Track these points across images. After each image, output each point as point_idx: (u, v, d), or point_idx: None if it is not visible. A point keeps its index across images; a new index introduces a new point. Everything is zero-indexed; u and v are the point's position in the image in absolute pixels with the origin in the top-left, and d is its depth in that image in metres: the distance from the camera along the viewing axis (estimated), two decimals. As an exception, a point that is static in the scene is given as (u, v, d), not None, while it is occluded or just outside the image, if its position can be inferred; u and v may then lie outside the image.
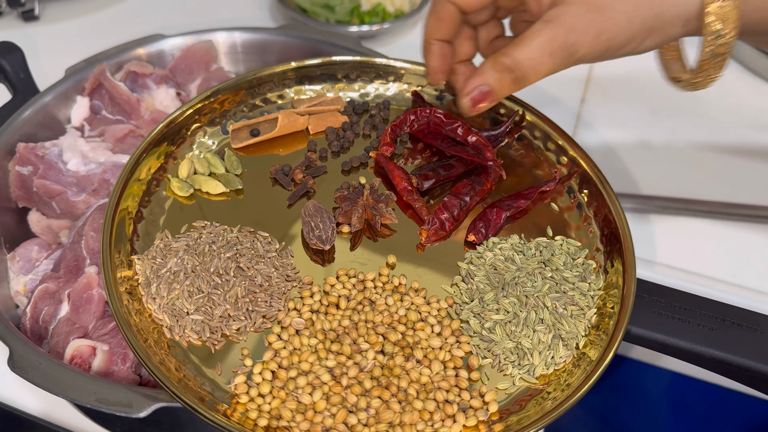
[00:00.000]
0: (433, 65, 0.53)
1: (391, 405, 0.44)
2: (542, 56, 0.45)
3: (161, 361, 0.46)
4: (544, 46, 0.45)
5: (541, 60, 0.46)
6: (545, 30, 0.45)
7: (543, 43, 0.45)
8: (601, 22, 0.45)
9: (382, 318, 0.48)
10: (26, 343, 0.51)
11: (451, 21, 0.51)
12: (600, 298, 0.50)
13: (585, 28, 0.45)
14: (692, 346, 0.50)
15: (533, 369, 0.47)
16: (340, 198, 0.53)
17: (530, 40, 0.46)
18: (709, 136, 0.77)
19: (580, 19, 0.45)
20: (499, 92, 0.48)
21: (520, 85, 0.47)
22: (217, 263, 0.49)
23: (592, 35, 0.45)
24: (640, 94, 0.81)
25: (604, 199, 0.55)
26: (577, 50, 0.45)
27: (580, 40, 0.45)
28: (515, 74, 0.47)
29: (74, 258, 0.58)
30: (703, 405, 0.81)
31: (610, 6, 0.44)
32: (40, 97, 0.68)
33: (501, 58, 0.47)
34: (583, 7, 0.45)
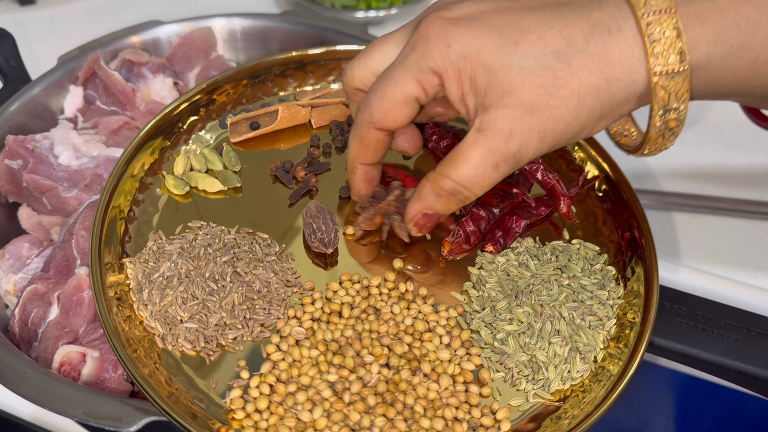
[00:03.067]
0: (357, 187, 0.48)
1: (397, 424, 0.41)
2: (486, 171, 0.40)
3: (151, 373, 0.43)
4: (486, 159, 0.40)
5: (486, 174, 0.40)
6: (482, 141, 0.40)
7: (483, 156, 0.40)
8: (542, 124, 0.39)
9: (388, 328, 0.45)
10: (11, 351, 0.48)
11: (377, 146, 0.45)
12: (620, 307, 0.47)
13: (525, 132, 0.39)
14: (716, 357, 0.48)
15: (548, 384, 0.44)
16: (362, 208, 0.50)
17: (468, 156, 0.40)
18: (730, 127, 0.74)
19: (518, 124, 0.39)
20: (445, 213, 0.44)
21: (466, 202, 0.43)
22: (213, 268, 0.47)
23: (535, 139, 0.39)
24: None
25: (624, 200, 0.52)
26: (522, 156, 0.40)
27: (523, 146, 0.39)
28: (459, 196, 0.42)
29: (64, 258, 0.55)
30: (715, 409, 0.79)
31: (549, 104, 0.38)
32: (31, 86, 0.65)
33: (440, 182, 0.42)
34: (518, 110, 0.39)
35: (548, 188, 0.50)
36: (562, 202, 0.50)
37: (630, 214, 0.51)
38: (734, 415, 0.79)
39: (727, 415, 0.79)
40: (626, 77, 0.38)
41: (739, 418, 0.79)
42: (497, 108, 0.39)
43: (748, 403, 0.75)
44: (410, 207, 0.45)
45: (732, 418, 0.79)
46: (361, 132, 0.44)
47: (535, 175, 0.50)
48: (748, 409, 0.77)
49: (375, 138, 0.44)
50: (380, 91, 0.42)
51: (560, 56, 0.38)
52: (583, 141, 0.55)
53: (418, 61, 0.40)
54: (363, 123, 0.44)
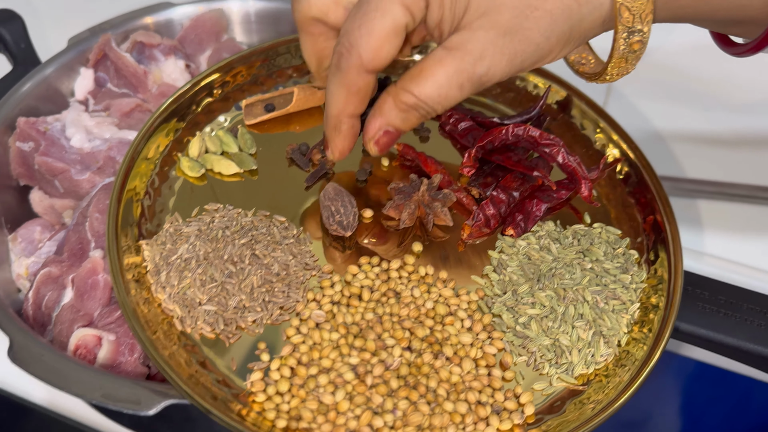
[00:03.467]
0: (341, 145, 0.44)
1: (420, 407, 0.41)
2: (450, 90, 0.39)
3: (171, 355, 0.42)
4: (451, 79, 0.38)
5: (450, 94, 0.39)
6: (448, 60, 0.38)
7: (449, 75, 0.38)
8: (514, 45, 0.38)
9: (409, 311, 0.45)
10: (27, 333, 0.48)
11: (366, 91, 0.41)
12: (643, 291, 0.47)
13: (496, 55, 0.38)
14: (739, 342, 0.47)
15: (572, 368, 0.44)
16: (394, 190, 0.49)
17: (433, 73, 0.38)
18: (747, 113, 0.73)
19: (490, 46, 0.38)
20: (406, 129, 0.42)
21: (427, 118, 0.41)
22: (231, 250, 0.46)
23: (505, 61, 0.38)
24: (672, 66, 0.77)
25: (647, 183, 0.51)
26: (489, 79, 0.39)
27: (492, 69, 0.38)
28: (421, 111, 0.40)
29: (78, 241, 0.54)
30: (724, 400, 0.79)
31: (523, 26, 0.38)
32: (41, 68, 0.64)
33: (402, 96, 0.40)
34: (491, 32, 0.38)
35: (569, 171, 0.49)
36: (583, 186, 0.49)
37: (652, 197, 0.50)
38: (743, 407, 0.78)
39: (735, 406, 0.79)
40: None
41: (748, 408, 0.79)
42: (470, 29, 0.38)
43: (757, 393, 0.75)
44: (370, 124, 0.42)
45: (741, 409, 0.79)
46: (350, 78, 0.40)
47: (556, 158, 0.49)
48: (757, 399, 0.77)
49: (366, 82, 0.40)
50: (366, 26, 0.38)
51: None
52: (605, 123, 0.54)
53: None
54: (351, 68, 0.40)
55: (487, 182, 0.51)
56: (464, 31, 0.38)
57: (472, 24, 0.38)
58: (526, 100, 0.58)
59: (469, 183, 0.51)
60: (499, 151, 0.51)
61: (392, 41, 0.39)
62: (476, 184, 0.51)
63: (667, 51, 0.78)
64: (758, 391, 0.75)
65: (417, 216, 0.49)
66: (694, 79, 0.76)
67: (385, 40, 0.39)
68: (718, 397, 0.78)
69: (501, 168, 0.52)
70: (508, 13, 0.38)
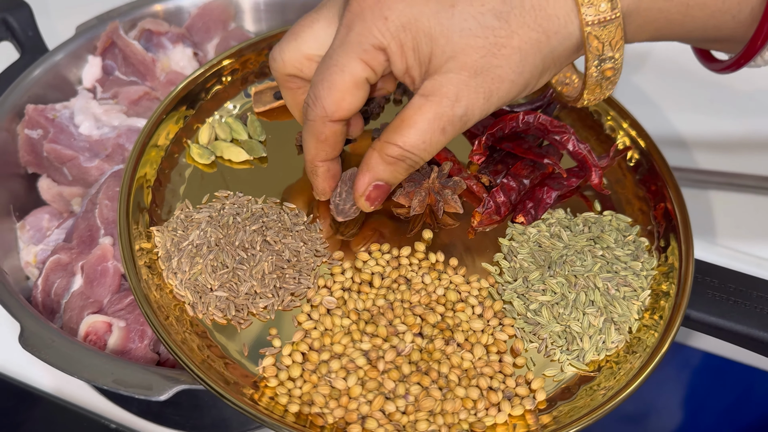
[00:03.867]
0: (321, 186, 0.46)
1: (432, 392, 0.41)
2: (433, 136, 0.40)
3: (183, 340, 0.42)
4: (433, 124, 0.39)
5: (434, 140, 0.40)
6: (427, 107, 0.39)
7: (430, 121, 0.39)
8: (488, 84, 0.38)
9: (420, 298, 0.45)
10: (38, 319, 0.48)
11: (335, 139, 0.43)
12: (654, 278, 0.47)
13: (471, 94, 0.39)
14: (749, 330, 0.47)
15: (583, 354, 0.44)
16: None
17: (415, 122, 0.39)
18: (758, 103, 0.73)
19: (463, 87, 0.38)
20: (395, 182, 0.43)
21: (415, 168, 0.42)
22: (242, 236, 0.46)
23: (481, 101, 0.39)
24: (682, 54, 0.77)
25: (657, 171, 0.51)
26: (469, 119, 0.40)
27: (470, 108, 0.39)
28: (408, 162, 0.41)
29: (87, 228, 0.54)
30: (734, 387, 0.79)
31: (492, 65, 0.38)
32: (49, 56, 0.64)
33: (387, 150, 0.41)
34: (463, 74, 0.38)
35: (579, 159, 0.49)
36: (594, 173, 0.49)
37: (663, 185, 0.50)
38: (747, 396, 0.79)
39: (739, 396, 0.79)
40: (563, 29, 0.38)
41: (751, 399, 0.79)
42: (441, 74, 0.38)
43: (760, 383, 0.75)
44: (359, 180, 0.43)
45: (744, 398, 0.79)
46: (317, 128, 0.42)
47: (566, 145, 0.49)
48: (760, 389, 0.77)
49: (332, 131, 0.42)
50: (327, 81, 0.40)
51: (498, 14, 0.37)
52: (615, 112, 0.54)
53: (358, 41, 0.39)
54: (317, 119, 0.42)
55: (497, 170, 0.51)
56: (436, 75, 0.39)
57: (442, 68, 0.38)
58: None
59: (479, 170, 0.51)
60: (509, 139, 0.51)
61: (353, 93, 0.40)
62: (486, 171, 0.51)
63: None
64: (762, 382, 0.75)
65: (427, 203, 0.49)
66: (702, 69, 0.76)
67: (346, 92, 0.40)
68: (721, 388, 0.79)
69: (511, 155, 0.52)
70: (474, 54, 0.38)
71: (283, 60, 0.44)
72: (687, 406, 0.80)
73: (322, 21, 0.43)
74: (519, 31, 0.37)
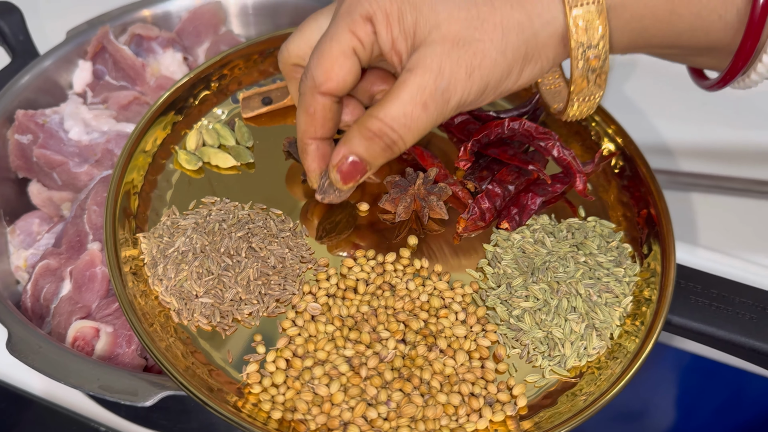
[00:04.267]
0: (312, 167, 0.45)
1: (413, 398, 0.41)
2: (414, 110, 0.39)
3: (167, 347, 0.43)
4: (415, 98, 0.38)
5: (415, 115, 0.39)
6: (411, 79, 0.38)
7: (412, 94, 0.38)
8: (469, 58, 0.38)
9: (403, 304, 0.45)
10: (26, 325, 0.48)
11: (325, 114, 0.43)
12: (636, 285, 0.47)
13: (453, 68, 0.38)
14: (731, 336, 0.47)
15: (564, 360, 0.44)
16: (390, 183, 0.50)
17: (397, 95, 0.39)
18: (745, 107, 0.73)
19: (446, 59, 0.38)
20: (373, 162, 0.41)
21: (395, 152, 0.41)
22: (228, 243, 0.46)
23: (463, 75, 0.38)
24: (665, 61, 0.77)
25: (641, 177, 0.51)
26: (451, 95, 0.39)
27: (452, 83, 0.38)
28: (386, 139, 0.40)
29: (76, 233, 0.55)
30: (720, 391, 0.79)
31: (474, 38, 0.38)
32: (40, 61, 0.64)
33: (367, 123, 0.40)
34: (446, 45, 0.38)
35: (564, 165, 0.50)
36: (578, 180, 0.49)
37: (647, 191, 0.51)
38: (738, 397, 0.79)
39: (731, 396, 0.79)
40: (546, 13, 0.38)
41: (743, 399, 0.79)
42: (426, 45, 0.39)
43: (751, 384, 0.75)
44: (335, 152, 0.42)
45: (736, 399, 0.79)
46: (307, 101, 0.42)
47: (551, 151, 0.49)
48: (751, 390, 0.77)
49: (322, 105, 0.42)
50: (317, 51, 0.41)
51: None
52: (599, 117, 0.55)
53: (348, 11, 0.39)
54: (307, 91, 0.42)
55: (482, 176, 0.51)
56: (421, 48, 0.39)
57: (426, 39, 0.38)
58: (523, 93, 0.58)
59: (465, 176, 0.51)
60: (495, 145, 0.52)
61: (341, 63, 0.40)
62: (472, 177, 0.51)
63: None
64: (752, 384, 0.75)
65: (413, 209, 0.49)
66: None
67: (333, 62, 0.40)
68: (712, 389, 0.79)
69: (497, 161, 0.52)
70: (457, 24, 0.38)
71: (288, 51, 0.45)
72: (679, 406, 0.81)
73: (326, 13, 0.44)
74: (501, 9, 0.38)
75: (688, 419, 0.79)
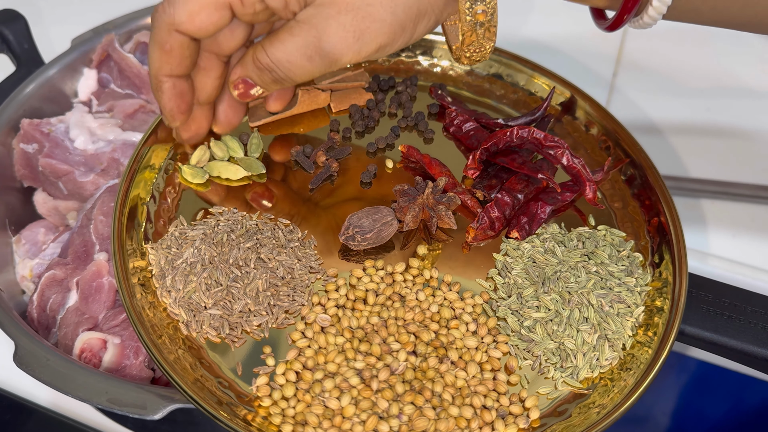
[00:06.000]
0: (168, 106, 0.45)
1: (425, 411, 0.41)
2: (300, 60, 0.41)
3: (176, 359, 0.42)
4: (301, 50, 0.41)
5: (299, 64, 0.41)
6: (297, 31, 0.40)
7: (297, 46, 0.41)
8: (357, 23, 0.39)
9: (414, 315, 0.45)
10: (33, 337, 0.48)
11: (181, 52, 0.42)
12: (647, 294, 0.47)
13: (340, 33, 0.40)
14: (743, 345, 0.47)
15: (577, 372, 0.44)
16: (399, 192, 0.49)
17: (285, 41, 0.41)
18: (750, 113, 0.73)
19: (332, 23, 0.39)
20: (265, 87, 0.44)
21: (285, 84, 0.44)
22: (237, 254, 0.46)
23: (350, 39, 0.40)
24: (675, 68, 0.77)
25: (651, 185, 0.51)
26: (338, 57, 0.41)
27: (337, 46, 0.40)
28: (274, 75, 0.43)
29: (83, 243, 0.55)
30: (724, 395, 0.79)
31: (365, 3, 0.39)
32: (45, 69, 0.64)
33: (259, 55, 0.42)
34: (333, 9, 0.39)
35: (573, 173, 0.49)
36: (588, 188, 0.49)
37: (657, 199, 0.50)
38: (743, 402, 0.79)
39: (735, 402, 0.79)
40: None
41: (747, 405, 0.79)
42: (315, 6, 0.40)
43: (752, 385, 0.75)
44: (233, 72, 0.44)
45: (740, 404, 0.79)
46: (161, 36, 0.41)
47: (561, 160, 0.49)
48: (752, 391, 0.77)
49: (179, 43, 0.42)
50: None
51: None
52: (609, 126, 0.54)
53: None
54: (162, 25, 0.41)
55: (491, 184, 0.51)
56: (311, 6, 0.40)
57: (316, 1, 0.40)
58: (531, 101, 0.58)
59: (474, 185, 0.51)
60: (503, 153, 0.51)
61: (210, 13, 0.41)
62: (481, 186, 0.51)
63: (667, 48, 0.78)
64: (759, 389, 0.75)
65: (421, 218, 0.49)
66: (697, 77, 0.76)
67: (203, 8, 0.40)
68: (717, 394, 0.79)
69: (505, 170, 0.52)
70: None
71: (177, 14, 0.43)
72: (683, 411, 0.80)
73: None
74: None
75: (692, 424, 0.79)
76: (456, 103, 0.56)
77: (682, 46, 0.78)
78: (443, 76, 0.59)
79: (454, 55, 0.45)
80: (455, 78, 0.59)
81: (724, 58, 0.77)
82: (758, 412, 0.78)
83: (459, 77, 0.59)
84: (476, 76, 0.59)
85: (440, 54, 0.60)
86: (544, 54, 0.63)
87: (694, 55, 0.78)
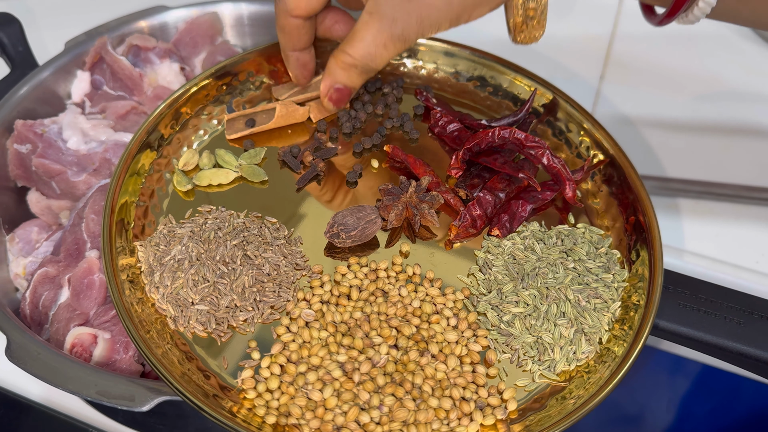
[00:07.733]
0: (296, 73, 0.55)
1: (405, 403, 0.42)
2: (377, 49, 0.47)
3: (164, 353, 0.44)
4: (377, 40, 0.46)
5: (378, 52, 0.47)
6: (371, 23, 0.46)
7: (373, 36, 0.46)
8: (417, 10, 0.45)
9: (396, 310, 0.46)
10: (24, 332, 0.49)
11: (298, 32, 0.51)
12: (624, 290, 0.48)
13: (405, 18, 0.45)
14: (719, 340, 0.48)
15: (554, 365, 0.45)
16: (383, 191, 0.51)
17: (362, 36, 0.47)
18: (734, 115, 0.74)
19: (398, 10, 0.45)
20: (353, 86, 0.50)
21: (369, 74, 0.49)
22: (223, 251, 0.47)
23: (414, 24, 0.45)
24: (661, 71, 0.78)
25: (630, 184, 0.52)
26: (408, 37, 0.46)
27: (406, 30, 0.46)
28: (360, 68, 0.48)
29: (74, 241, 0.56)
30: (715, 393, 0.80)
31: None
32: (39, 71, 0.65)
33: (342, 57, 0.48)
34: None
35: (554, 173, 0.51)
36: (568, 187, 0.50)
37: (635, 198, 0.51)
38: (733, 399, 0.80)
39: (726, 399, 0.80)
40: None
41: (738, 401, 0.80)
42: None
43: (746, 386, 0.76)
44: (322, 84, 0.50)
45: (731, 402, 0.80)
46: (281, 22, 0.51)
47: (541, 159, 0.50)
48: (746, 392, 0.78)
49: (294, 25, 0.51)
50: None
51: None
52: (589, 125, 0.56)
53: None
54: (280, 12, 0.50)
55: (474, 184, 0.52)
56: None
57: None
58: (514, 102, 0.59)
59: (457, 184, 0.52)
60: (485, 153, 0.52)
61: None
62: (463, 185, 0.52)
63: (654, 50, 0.79)
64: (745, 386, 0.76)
65: (404, 217, 0.50)
66: (683, 79, 0.77)
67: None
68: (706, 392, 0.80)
69: (488, 170, 0.53)
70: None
71: None
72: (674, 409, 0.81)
73: None
74: None
75: (682, 422, 0.80)
76: (441, 104, 0.57)
77: (668, 49, 0.79)
78: (429, 78, 0.61)
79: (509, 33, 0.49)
80: (440, 80, 0.60)
81: (709, 59, 0.79)
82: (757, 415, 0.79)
83: (444, 79, 0.60)
84: (461, 79, 0.60)
85: (425, 57, 0.61)
86: (531, 56, 0.64)
87: (680, 57, 0.79)
